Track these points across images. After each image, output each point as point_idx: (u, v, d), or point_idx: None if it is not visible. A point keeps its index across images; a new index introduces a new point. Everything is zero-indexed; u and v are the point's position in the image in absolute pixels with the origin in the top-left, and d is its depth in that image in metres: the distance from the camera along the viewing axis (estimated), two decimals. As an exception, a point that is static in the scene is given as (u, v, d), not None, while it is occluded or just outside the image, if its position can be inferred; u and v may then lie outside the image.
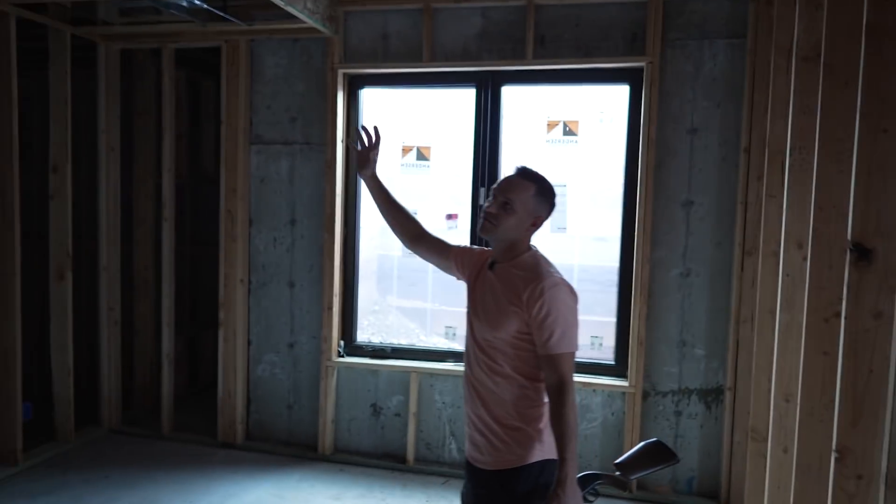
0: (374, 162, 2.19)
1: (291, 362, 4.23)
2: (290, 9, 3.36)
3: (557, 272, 1.89)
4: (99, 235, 4.35)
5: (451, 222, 4.03)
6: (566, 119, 3.80)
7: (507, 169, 3.91)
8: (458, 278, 2.14)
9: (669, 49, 3.54)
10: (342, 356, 4.12)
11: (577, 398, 3.78)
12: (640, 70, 3.58)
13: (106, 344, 4.42)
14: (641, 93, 3.56)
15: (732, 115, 3.50)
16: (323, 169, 4.05)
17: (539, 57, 3.69)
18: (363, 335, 4.28)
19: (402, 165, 4.09)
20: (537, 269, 1.87)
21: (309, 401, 4.19)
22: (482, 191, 3.82)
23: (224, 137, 4.13)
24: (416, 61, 3.85)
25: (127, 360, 4.71)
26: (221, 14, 3.58)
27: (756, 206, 3.33)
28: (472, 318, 1.97)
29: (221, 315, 4.22)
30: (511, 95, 3.88)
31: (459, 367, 3.72)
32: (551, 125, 3.82)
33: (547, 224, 3.83)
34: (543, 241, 3.97)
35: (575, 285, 3.92)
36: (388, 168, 4.12)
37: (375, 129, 2.21)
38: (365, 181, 2.21)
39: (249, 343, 4.30)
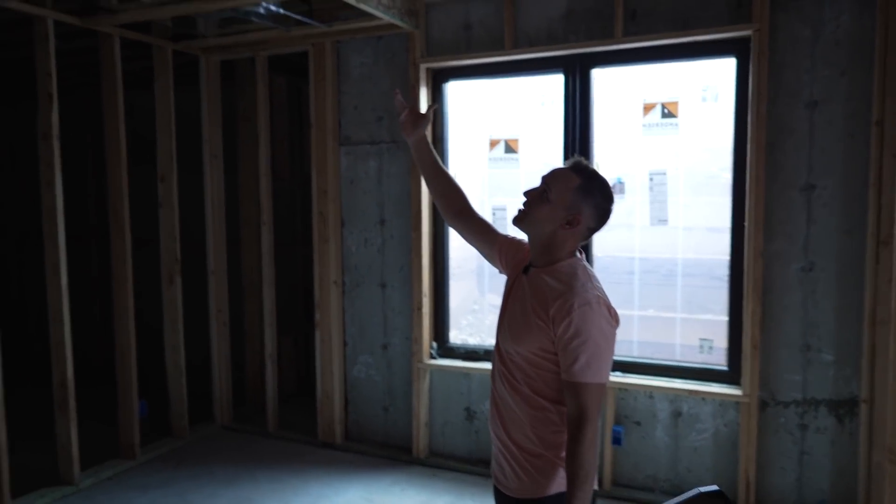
0: (421, 125, 1.93)
1: (386, 364, 4.21)
2: (362, 6, 3.30)
3: (597, 289, 1.61)
4: (206, 240, 4.56)
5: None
6: (664, 100, 3.46)
7: (598, 158, 3.65)
8: (501, 272, 1.91)
9: (781, 12, 3.10)
10: (434, 358, 4.03)
11: (685, 407, 3.45)
12: (748, 40, 3.17)
13: (216, 345, 4.63)
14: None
15: (861, 83, 3.01)
16: (409, 167, 3.97)
17: (630, 34, 3.37)
18: (462, 335, 4.17)
19: (490, 159, 3.92)
20: (571, 282, 1.60)
21: (403, 403, 4.14)
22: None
23: (314, 140, 4.17)
24: (499, 49, 3.67)
25: (238, 360, 4.91)
26: (300, 18, 3.59)
27: (891, 188, 2.84)
28: (499, 326, 1.76)
29: (317, 316, 4.28)
30: (602, 78, 3.59)
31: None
32: (648, 108, 3.49)
33: (646, 216, 3.61)
34: (643, 234, 3.70)
35: (680, 281, 3.64)
36: (476, 162, 3.97)
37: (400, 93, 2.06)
38: (411, 146, 1.99)
39: (345, 344, 4.32)
